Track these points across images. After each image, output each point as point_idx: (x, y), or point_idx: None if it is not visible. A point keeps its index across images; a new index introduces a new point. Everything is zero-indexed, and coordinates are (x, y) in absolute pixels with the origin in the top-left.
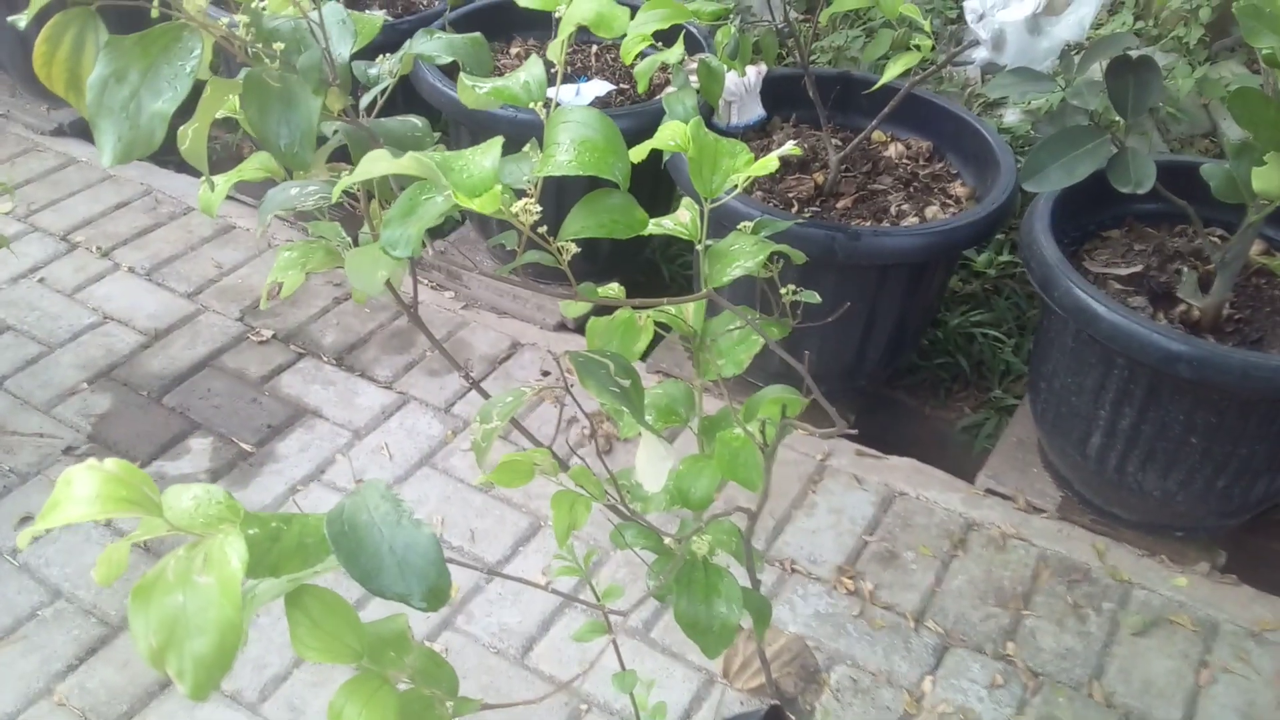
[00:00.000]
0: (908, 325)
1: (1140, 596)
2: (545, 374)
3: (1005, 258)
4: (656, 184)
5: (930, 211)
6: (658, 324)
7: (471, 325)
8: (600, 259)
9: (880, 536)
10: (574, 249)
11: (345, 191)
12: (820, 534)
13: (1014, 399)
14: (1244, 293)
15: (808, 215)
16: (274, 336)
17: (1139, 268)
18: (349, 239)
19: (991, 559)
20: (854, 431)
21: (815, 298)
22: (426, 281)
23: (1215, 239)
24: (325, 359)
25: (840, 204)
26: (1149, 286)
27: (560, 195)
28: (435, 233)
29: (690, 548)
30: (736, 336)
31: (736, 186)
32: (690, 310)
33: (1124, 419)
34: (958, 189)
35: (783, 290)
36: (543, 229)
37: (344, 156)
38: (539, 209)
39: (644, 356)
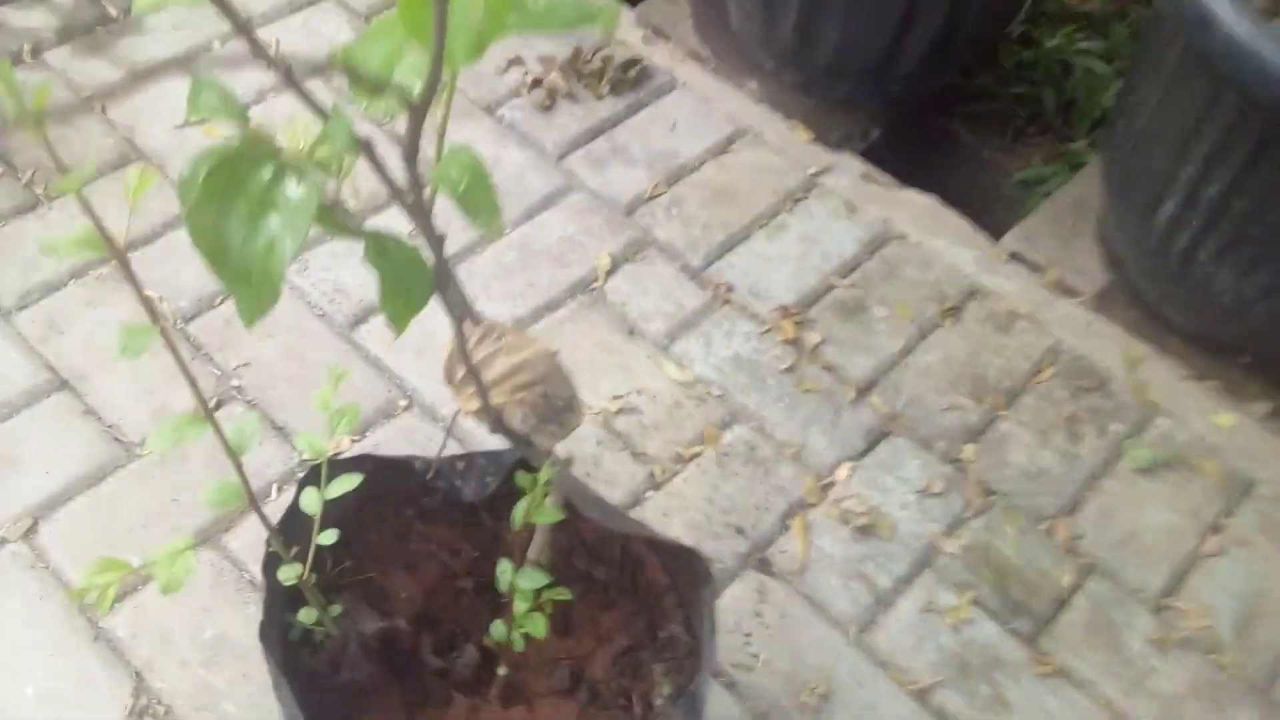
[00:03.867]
0: (967, 15)
1: (1163, 426)
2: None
3: None
4: None
5: None
6: None
7: None
8: None
9: (853, 282)
10: None
11: None
12: (777, 263)
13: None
14: None
15: None
16: None
17: None
18: None
19: (985, 339)
20: None
21: None
22: None
23: None
24: None
25: None
26: None
27: None
28: None
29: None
30: None
31: None
32: None
33: (1212, 183)
34: None
35: None
36: None
37: None
38: None
39: None
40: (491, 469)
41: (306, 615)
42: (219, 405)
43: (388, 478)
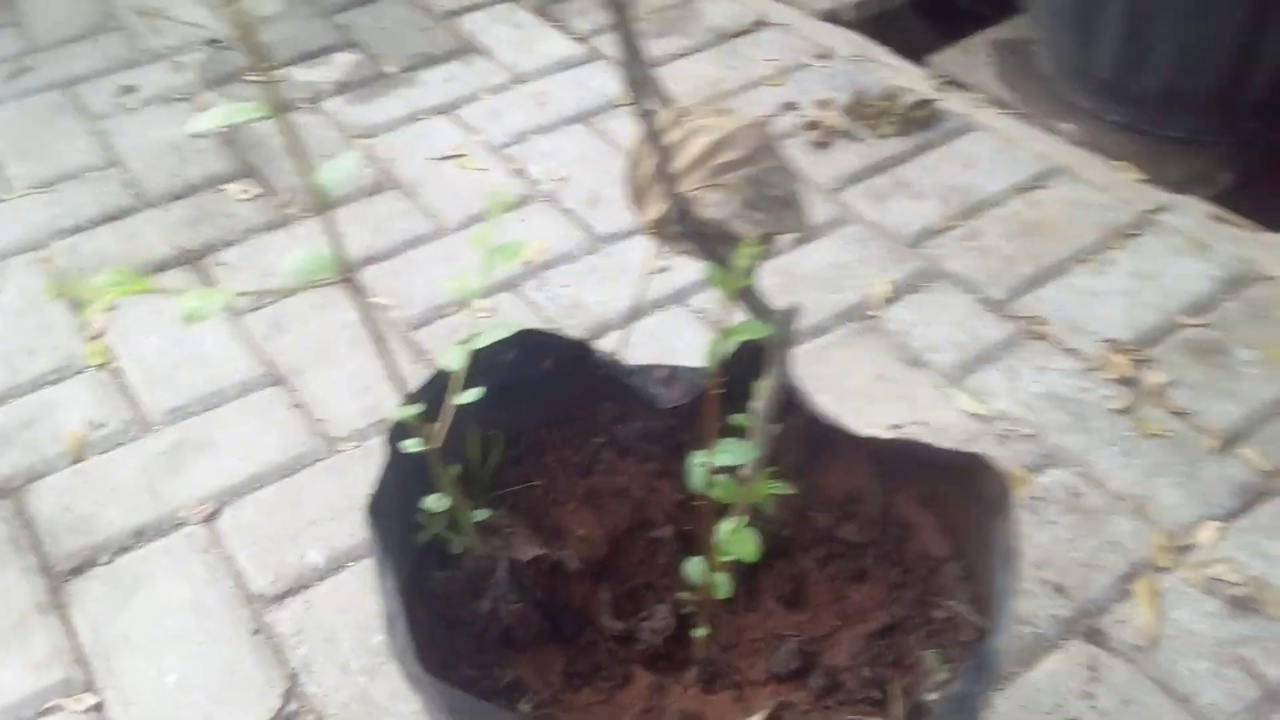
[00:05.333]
0: None
1: None
2: (789, 107)
3: None
4: None
5: None
6: None
7: None
8: None
9: (1208, 322)
10: None
11: None
12: (1104, 298)
13: None
14: None
15: None
16: None
17: None
18: None
19: None
20: None
21: None
22: None
23: None
24: (541, 3)
25: None
26: None
27: None
28: None
29: None
30: None
31: None
32: None
33: None
34: None
35: None
36: None
37: None
38: None
39: None
40: (700, 381)
41: (436, 502)
42: None
43: (566, 373)
